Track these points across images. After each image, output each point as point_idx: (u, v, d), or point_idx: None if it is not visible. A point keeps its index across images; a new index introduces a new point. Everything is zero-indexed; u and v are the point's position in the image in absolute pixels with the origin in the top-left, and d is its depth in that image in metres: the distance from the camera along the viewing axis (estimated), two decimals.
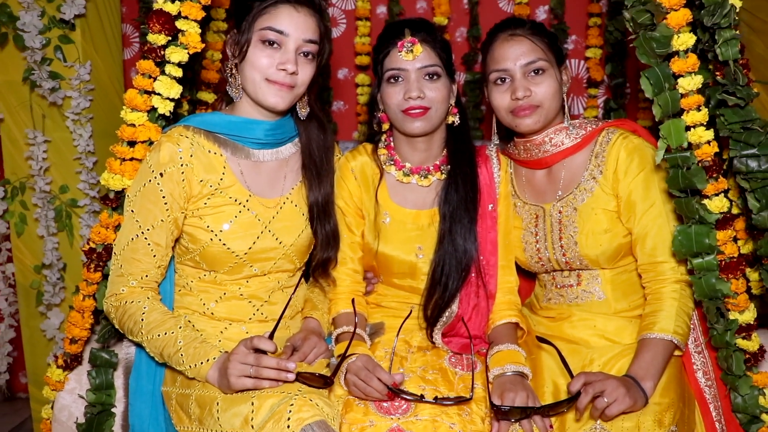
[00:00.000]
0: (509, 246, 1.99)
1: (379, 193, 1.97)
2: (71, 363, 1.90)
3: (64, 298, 2.69)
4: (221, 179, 1.78)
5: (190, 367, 1.65)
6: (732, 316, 1.74)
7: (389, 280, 1.99)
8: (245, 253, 1.78)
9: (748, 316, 1.75)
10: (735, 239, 1.84)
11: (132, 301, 1.72)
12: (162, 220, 1.73)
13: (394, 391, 1.64)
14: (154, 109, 1.80)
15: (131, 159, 1.80)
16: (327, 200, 1.93)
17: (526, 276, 2.13)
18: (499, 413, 1.63)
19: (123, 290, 1.73)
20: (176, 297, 1.86)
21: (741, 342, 1.75)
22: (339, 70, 3.08)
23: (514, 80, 1.88)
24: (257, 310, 1.85)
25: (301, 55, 1.76)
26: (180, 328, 1.69)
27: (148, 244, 1.73)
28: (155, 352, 1.70)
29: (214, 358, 1.64)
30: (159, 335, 1.68)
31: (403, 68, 1.86)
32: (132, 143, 1.81)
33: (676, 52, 1.65)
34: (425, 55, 1.87)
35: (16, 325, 2.86)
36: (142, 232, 1.72)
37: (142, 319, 1.69)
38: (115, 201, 1.81)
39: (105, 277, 1.84)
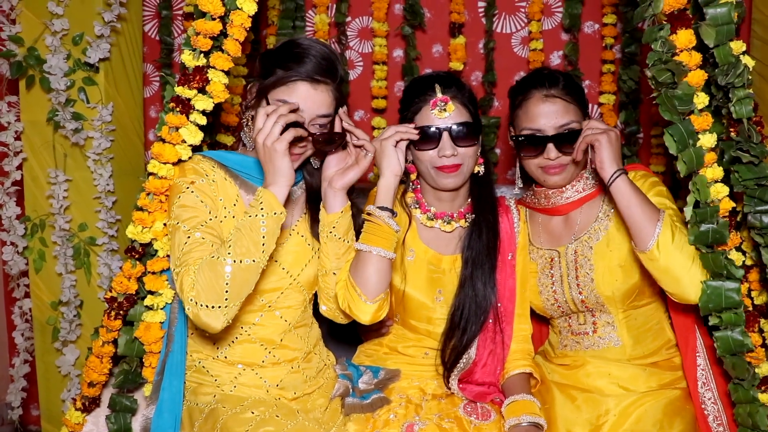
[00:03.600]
0: (526, 294, 2.01)
1: (407, 235, 1.99)
2: (89, 406, 1.91)
3: (80, 335, 2.71)
4: (234, 205, 1.81)
5: (261, 209, 1.62)
6: (756, 370, 1.74)
7: (406, 321, 2.00)
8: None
9: (766, 368, 1.75)
10: (749, 291, 1.86)
11: (200, 262, 1.62)
12: (209, 219, 1.72)
13: None
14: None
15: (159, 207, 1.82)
16: None
17: (540, 321, 2.14)
18: None
19: (192, 276, 1.61)
20: (189, 341, 1.87)
21: (761, 396, 1.74)
22: (355, 112, 3.11)
23: None
24: (269, 353, 1.85)
25: (313, 125, 1.79)
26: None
27: (203, 239, 1.68)
28: (241, 253, 1.60)
29: (262, 188, 1.66)
30: (230, 239, 1.62)
31: (436, 126, 1.88)
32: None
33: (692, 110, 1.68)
34: (457, 112, 1.89)
35: (30, 360, 2.88)
36: (192, 233, 1.68)
37: (213, 255, 1.61)
38: (139, 252, 1.83)
39: (125, 324, 1.87)
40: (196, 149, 1.87)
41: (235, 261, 1.59)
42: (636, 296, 1.91)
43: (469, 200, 2.03)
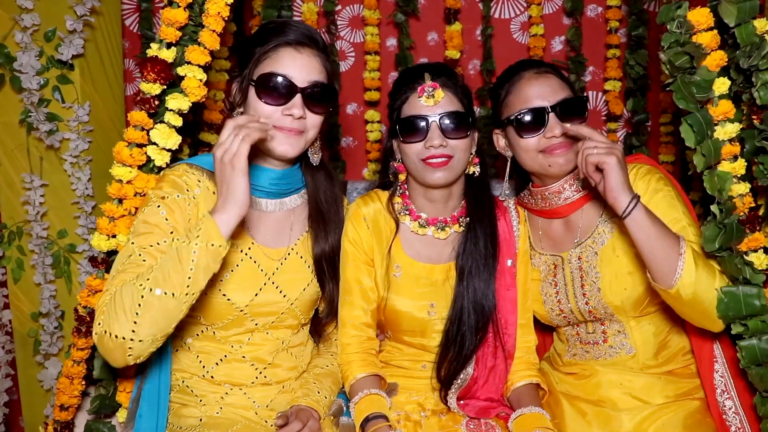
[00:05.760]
0: (528, 303, 1.87)
1: (392, 245, 1.84)
2: (62, 431, 1.77)
3: (61, 347, 2.58)
4: None
5: (197, 237, 1.40)
6: None
7: (398, 337, 1.87)
8: (246, 305, 1.68)
9: None
10: None
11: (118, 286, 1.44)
12: (163, 241, 1.52)
13: None
14: (149, 160, 1.69)
15: (121, 216, 1.68)
16: (334, 253, 1.82)
17: (543, 331, 2.00)
18: None
19: (108, 298, 1.44)
20: (173, 357, 1.73)
21: None
22: (348, 105, 2.98)
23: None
24: (260, 373, 1.72)
25: (309, 98, 1.66)
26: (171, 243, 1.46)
27: (143, 261, 1.49)
28: (160, 281, 1.40)
29: (208, 212, 1.45)
30: (156, 263, 1.44)
31: (424, 114, 1.74)
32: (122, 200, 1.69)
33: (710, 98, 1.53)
34: (447, 100, 1.75)
35: (13, 374, 2.75)
36: (137, 252, 1.51)
37: (134, 279, 1.42)
38: (103, 263, 1.68)
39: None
40: (176, 151, 1.73)
41: (152, 290, 1.39)
42: (648, 303, 1.75)
43: (463, 202, 1.87)
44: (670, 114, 2.70)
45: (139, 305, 1.38)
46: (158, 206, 1.56)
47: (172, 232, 1.53)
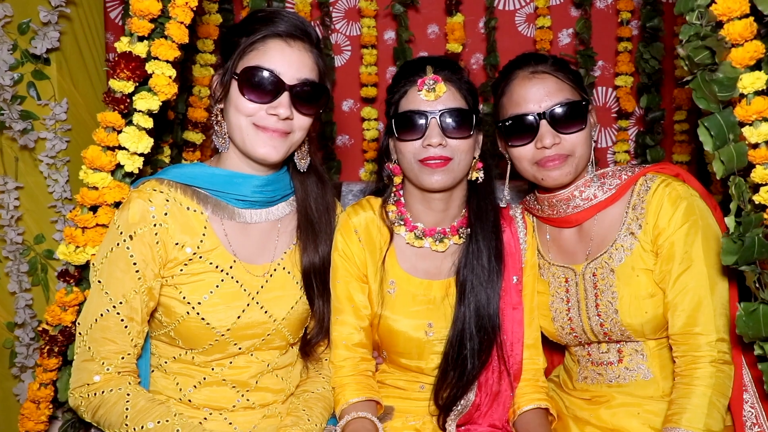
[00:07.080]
0: (536, 322, 1.72)
1: (386, 257, 1.69)
2: None
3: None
4: (201, 241, 1.52)
5: None
6: None
7: (393, 359, 1.72)
8: (228, 329, 1.53)
9: None
10: None
11: (111, 390, 1.45)
12: (135, 291, 1.47)
13: None
14: (120, 166, 1.54)
15: (95, 226, 1.53)
16: (325, 266, 1.68)
17: (552, 349, 1.84)
18: None
19: (97, 378, 1.46)
20: (150, 379, 1.60)
21: None
22: (343, 102, 2.86)
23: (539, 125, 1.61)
24: (242, 396, 1.58)
25: (297, 97, 1.51)
26: (174, 415, 1.45)
27: (122, 320, 1.47)
28: None
29: None
30: (150, 425, 1.41)
31: (423, 110, 1.59)
32: (94, 207, 1.54)
33: (742, 95, 1.36)
34: (449, 95, 1.60)
35: None
36: (114, 306, 1.47)
37: (127, 409, 1.43)
38: (75, 277, 1.54)
39: (66, 363, 1.58)
40: (156, 152, 1.59)
41: None
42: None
43: (465, 211, 1.72)
44: (685, 111, 2.56)
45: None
46: (127, 248, 1.48)
47: (140, 278, 1.48)
